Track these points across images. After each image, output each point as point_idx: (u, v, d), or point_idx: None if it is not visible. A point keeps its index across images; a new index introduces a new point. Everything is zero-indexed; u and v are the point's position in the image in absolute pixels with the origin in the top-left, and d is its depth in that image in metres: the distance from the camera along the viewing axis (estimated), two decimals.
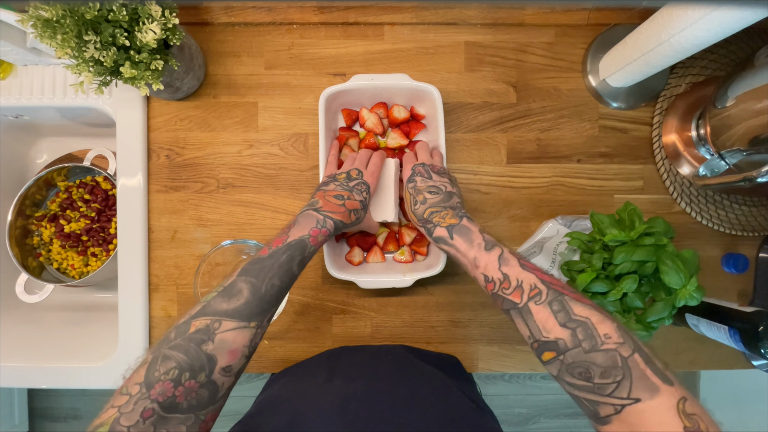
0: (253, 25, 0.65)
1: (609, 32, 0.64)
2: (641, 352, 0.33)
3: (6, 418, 1.38)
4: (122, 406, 0.31)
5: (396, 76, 0.59)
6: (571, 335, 0.34)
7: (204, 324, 0.36)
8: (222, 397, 0.37)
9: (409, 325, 0.65)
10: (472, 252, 0.43)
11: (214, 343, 0.35)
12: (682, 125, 0.63)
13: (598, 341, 0.33)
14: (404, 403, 0.42)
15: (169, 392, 0.32)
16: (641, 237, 0.49)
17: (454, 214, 0.47)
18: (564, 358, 0.35)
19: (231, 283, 0.39)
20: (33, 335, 0.70)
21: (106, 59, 0.46)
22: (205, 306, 0.37)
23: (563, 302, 0.36)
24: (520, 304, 0.38)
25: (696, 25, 0.44)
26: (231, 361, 0.36)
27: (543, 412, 1.53)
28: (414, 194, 0.51)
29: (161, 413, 0.32)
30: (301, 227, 0.45)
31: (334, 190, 0.51)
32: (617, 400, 0.31)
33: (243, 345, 0.37)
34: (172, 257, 0.65)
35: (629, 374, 0.32)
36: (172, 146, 0.65)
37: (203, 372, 0.34)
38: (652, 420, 0.30)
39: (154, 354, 0.35)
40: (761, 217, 0.65)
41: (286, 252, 0.42)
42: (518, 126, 0.65)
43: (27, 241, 0.74)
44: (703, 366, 0.66)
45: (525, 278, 0.39)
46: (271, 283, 0.40)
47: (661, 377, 0.31)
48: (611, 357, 0.32)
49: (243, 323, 0.37)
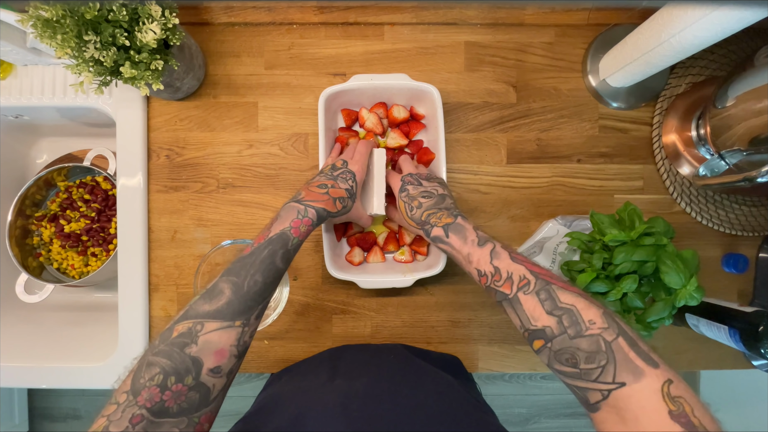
0: (253, 25, 0.65)
1: (609, 32, 0.64)
2: (625, 335, 0.33)
3: (6, 418, 1.38)
4: (111, 415, 0.32)
5: (396, 76, 0.59)
6: (558, 322, 0.35)
7: (186, 327, 0.36)
8: (216, 398, 0.36)
9: (409, 325, 0.65)
10: (465, 248, 0.44)
11: (197, 345, 0.35)
12: (682, 125, 0.63)
13: (583, 327, 0.34)
14: (406, 402, 0.42)
15: (157, 397, 0.33)
16: (641, 237, 0.49)
17: (449, 213, 0.48)
18: (552, 345, 0.35)
19: (213, 285, 0.39)
20: (33, 335, 0.70)
21: (106, 59, 0.46)
22: (188, 310, 0.37)
23: (550, 291, 0.37)
24: (510, 294, 0.39)
25: (696, 25, 0.44)
26: (219, 362, 0.36)
27: (543, 412, 1.53)
28: (408, 201, 0.52)
29: (151, 418, 0.32)
30: (282, 220, 0.45)
31: (318, 181, 0.51)
32: (603, 385, 0.32)
33: (230, 344, 0.37)
34: (172, 257, 0.65)
35: (613, 358, 0.32)
36: (172, 146, 0.65)
37: (190, 375, 0.34)
38: (638, 404, 0.30)
39: (139, 362, 0.35)
40: (761, 217, 0.65)
41: (267, 247, 0.42)
42: (518, 126, 0.65)
43: (27, 241, 0.74)
44: (703, 366, 0.66)
45: (515, 270, 0.39)
46: (253, 279, 0.40)
47: (646, 359, 0.31)
48: (595, 341, 0.33)
49: (227, 323, 0.37)
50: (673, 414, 0.28)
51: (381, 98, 0.62)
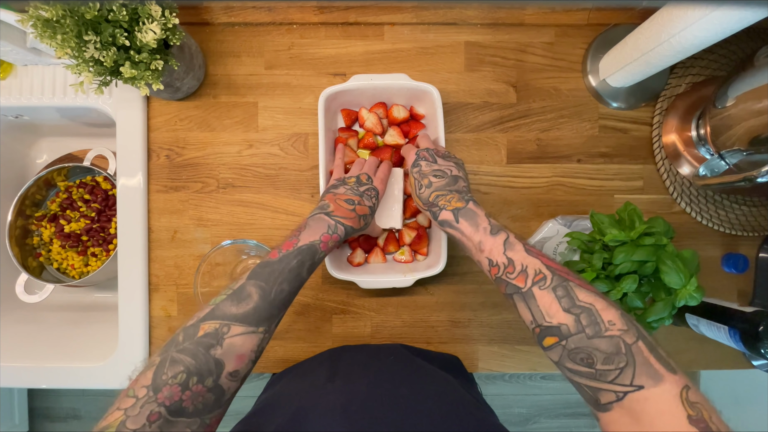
0: (253, 25, 0.65)
1: (609, 32, 0.64)
2: (645, 339, 0.32)
3: (6, 418, 1.38)
4: (128, 409, 0.31)
5: (395, 76, 0.59)
6: (575, 321, 0.34)
7: (213, 328, 0.36)
8: (227, 401, 0.37)
9: (409, 325, 0.65)
10: (477, 236, 0.42)
11: (222, 348, 0.35)
12: (682, 125, 0.63)
13: (602, 327, 0.33)
14: (406, 403, 0.42)
15: (177, 396, 0.32)
16: (641, 237, 0.49)
17: (460, 197, 0.46)
18: (566, 344, 0.34)
19: (240, 287, 0.39)
20: (33, 335, 0.70)
21: (106, 59, 0.46)
22: (214, 309, 0.37)
23: (567, 288, 0.36)
24: (524, 288, 0.38)
25: (696, 25, 0.44)
26: (238, 366, 0.36)
27: (543, 412, 1.53)
28: (419, 178, 0.50)
29: (168, 417, 0.32)
30: (312, 231, 0.44)
31: (345, 194, 0.50)
32: (619, 387, 0.31)
33: (250, 350, 0.37)
34: (172, 257, 0.65)
35: (632, 361, 0.31)
36: (172, 146, 0.65)
37: (211, 377, 0.34)
38: (655, 407, 0.30)
39: (162, 356, 0.34)
40: (761, 217, 0.65)
41: (297, 257, 0.42)
42: (518, 126, 0.65)
43: (27, 241, 0.74)
44: (703, 366, 0.66)
45: (530, 263, 0.38)
46: (280, 288, 0.40)
47: (665, 365, 0.31)
48: (615, 343, 0.32)
49: (251, 328, 0.37)
50: (691, 419, 0.28)
51: (381, 98, 0.62)
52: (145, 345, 0.64)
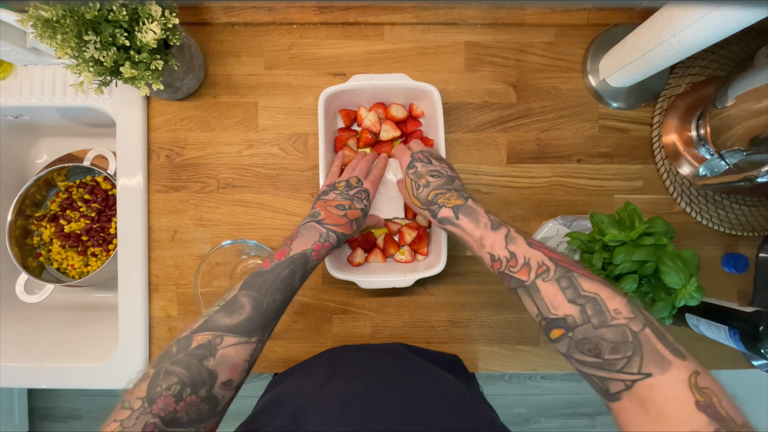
0: (253, 25, 0.65)
1: (609, 32, 0.64)
2: (652, 326, 0.32)
3: (6, 418, 1.38)
4: (124, 421, 0.32)
5: (395, 76, 0.59)
6: (580, 311, 0.34)
7: (206, 339, 0.36)
8: (222, 410, 0.37)
9: (409, 325, 0.65)
10: (478, 231, 0.42)
11: (215, 359, 0.36)
12: (682, 125, 0.63)
13: (608, 317, 0.33)
14: (405, 402, 0.42)
15: (171, 407, 0.33)
16: (641, 237, 0.49)
17: (459, 195, 0.46)
18: (573, 335, 0.34)
19: (233, 297, 0.39)
20: (33, 335, 0.70)
21: (106, 59, 0.46)
22: (207, 320, 0.38)
23: (571, 278, 0.35)
24: (528, 281, 0.37)
25: (696, 25, 0.44)
26: (231, 376, 0.37)
27: (543, 412, 1.53)
28: (415, 179, 0.51)
29: (163, 427, 0.32)
30: (303, 240, 0.45)
31: (335, 200, 0.51)
32: (628, 375, 0.31)
33: (243, 360, 0.38)
34: (172, 257, 0.65)
35: (640, 349, 0.31)
36: (172, 146, 0.65)
37: (204, 387, 0.35)
38: (663, 394, 0.29)
39: (156, 368, 0.35)
40: (761, 217, 0.64)
41: (289, 266, 0.42)
42: (518, 126, 0.65)
43: (27, 241, 0.74)
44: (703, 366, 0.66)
45: (532, 256, 0.38)
46: (273, 298, 0.40)
47: (673, 351, 0.31)
48: (621, 332, 0.32)
49: (244, 338, 0.38)
50: (699, 404, 0.28)
51: (381, 98, 0.62)
52: (145, 345, 0.64)
